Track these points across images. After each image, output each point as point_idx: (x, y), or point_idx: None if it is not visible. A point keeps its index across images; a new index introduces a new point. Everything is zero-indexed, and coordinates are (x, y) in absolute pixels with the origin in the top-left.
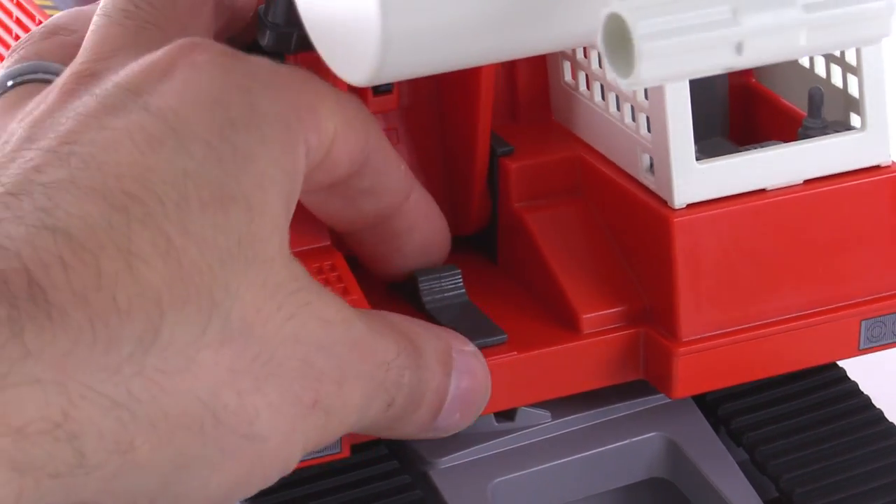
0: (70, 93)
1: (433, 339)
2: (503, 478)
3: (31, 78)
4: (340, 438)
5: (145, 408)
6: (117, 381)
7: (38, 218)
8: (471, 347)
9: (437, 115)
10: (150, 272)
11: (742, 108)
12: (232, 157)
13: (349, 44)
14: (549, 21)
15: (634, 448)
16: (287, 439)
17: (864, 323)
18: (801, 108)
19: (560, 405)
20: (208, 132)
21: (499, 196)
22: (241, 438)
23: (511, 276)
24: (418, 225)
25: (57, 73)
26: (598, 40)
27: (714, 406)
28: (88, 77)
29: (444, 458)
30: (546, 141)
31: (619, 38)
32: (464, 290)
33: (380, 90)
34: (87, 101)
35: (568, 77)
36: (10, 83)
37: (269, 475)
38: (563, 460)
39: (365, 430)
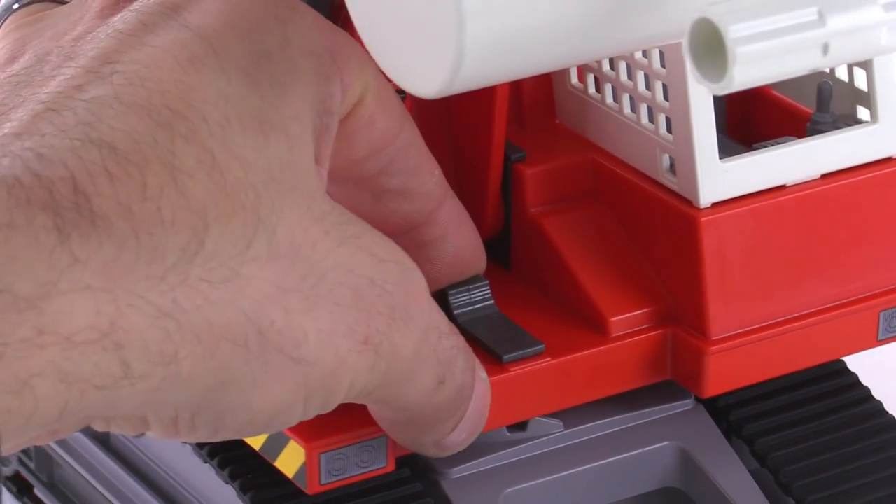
0: (108, 16)
1: (470, 356)
2: (515, 487)
3: None
4: (387, 452)
5: (190, 317)
6: (163, 289)
7: (83, 132)
8: (484, 373)
9: (446, 120)
10: (196, 186)
11: (738, 104)
12: (269, 88)
13: (417, 51)
14: (635, 24)
15: (647, 458)
16: (335, 370)
17: (882, 314)
18: (801, 101)
19: (572, 414)
20: (245, 59)
21: (513, 202)
22: (287, 358)
23: (527, 281)
24: (449, 235)
25: None
26: (685, 46)
27: (726, 412)
28: None
29: (455, 468)
30: (556, 145)
31: (707, 42)
32: (493, 301)
33: None
34: (126, 17)
35: (575, 80)
36: (15, 6)
37: (310, 404)
38: (575, 470)
39: (410, 409)
